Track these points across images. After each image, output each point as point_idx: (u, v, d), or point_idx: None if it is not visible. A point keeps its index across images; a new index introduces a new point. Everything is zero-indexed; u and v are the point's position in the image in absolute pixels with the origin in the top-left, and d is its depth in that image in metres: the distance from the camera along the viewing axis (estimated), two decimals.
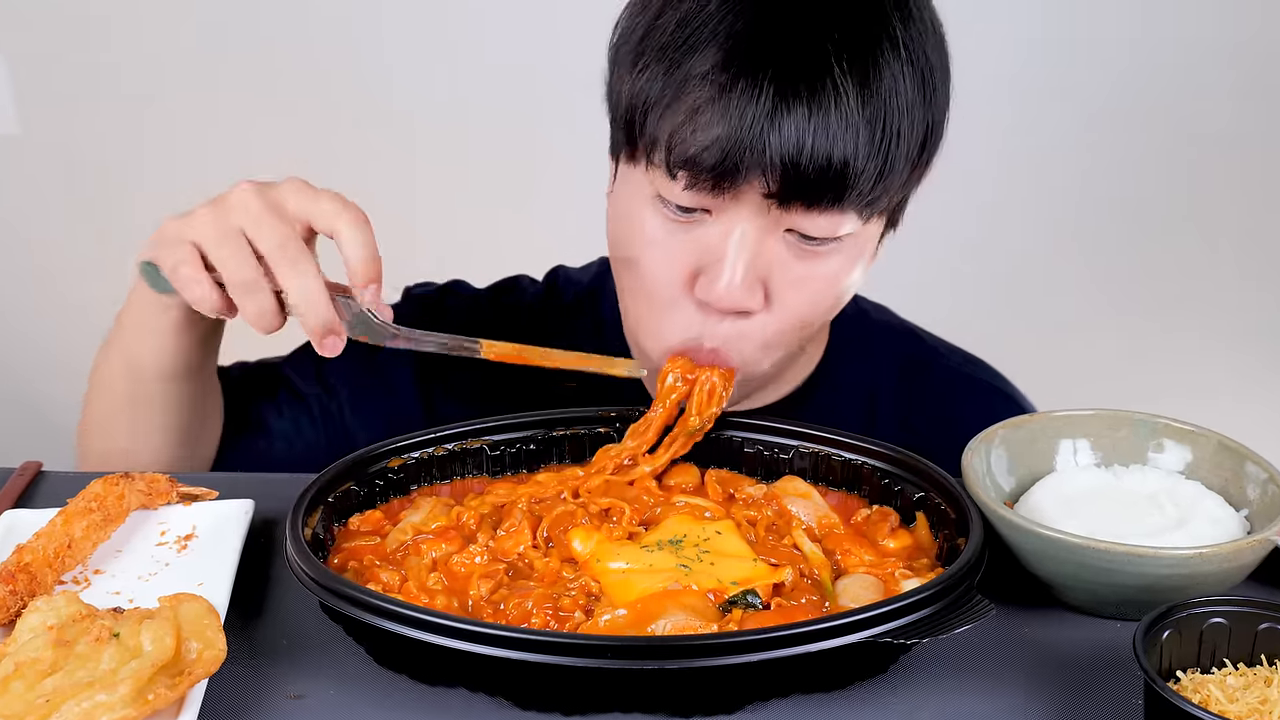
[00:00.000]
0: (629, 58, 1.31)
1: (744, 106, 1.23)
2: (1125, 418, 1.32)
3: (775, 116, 1.22)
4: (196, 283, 1.24)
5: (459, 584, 1.16)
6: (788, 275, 1.32)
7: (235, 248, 1.22)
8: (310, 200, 1.24)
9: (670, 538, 1.20)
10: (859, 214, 1.30)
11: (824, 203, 1.27)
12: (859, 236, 1.33)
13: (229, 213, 1.24)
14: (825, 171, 1.24)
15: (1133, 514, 1.23)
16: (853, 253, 1.34)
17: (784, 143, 1.23)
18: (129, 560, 1.22)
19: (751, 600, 1.11)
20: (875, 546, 1.23)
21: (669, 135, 1.27)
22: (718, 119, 1.24)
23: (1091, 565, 1.12)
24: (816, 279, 1.33)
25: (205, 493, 1.31)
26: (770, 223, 1.29)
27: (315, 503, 1.21)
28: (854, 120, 1.24)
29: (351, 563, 1.20)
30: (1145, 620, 1.03)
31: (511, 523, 1.23)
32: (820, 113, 1.23)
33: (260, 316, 1.24)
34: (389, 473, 1.30)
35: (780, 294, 1.33)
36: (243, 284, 1.22)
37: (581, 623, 1.09)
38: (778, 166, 1.23)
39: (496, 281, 1.72)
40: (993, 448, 1.29)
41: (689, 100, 1.25)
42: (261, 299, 1.23)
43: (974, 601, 1.07)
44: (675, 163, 1.27)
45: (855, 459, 1.32)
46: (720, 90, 1.24)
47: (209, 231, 1.23)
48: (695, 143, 1.25)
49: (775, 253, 1.31)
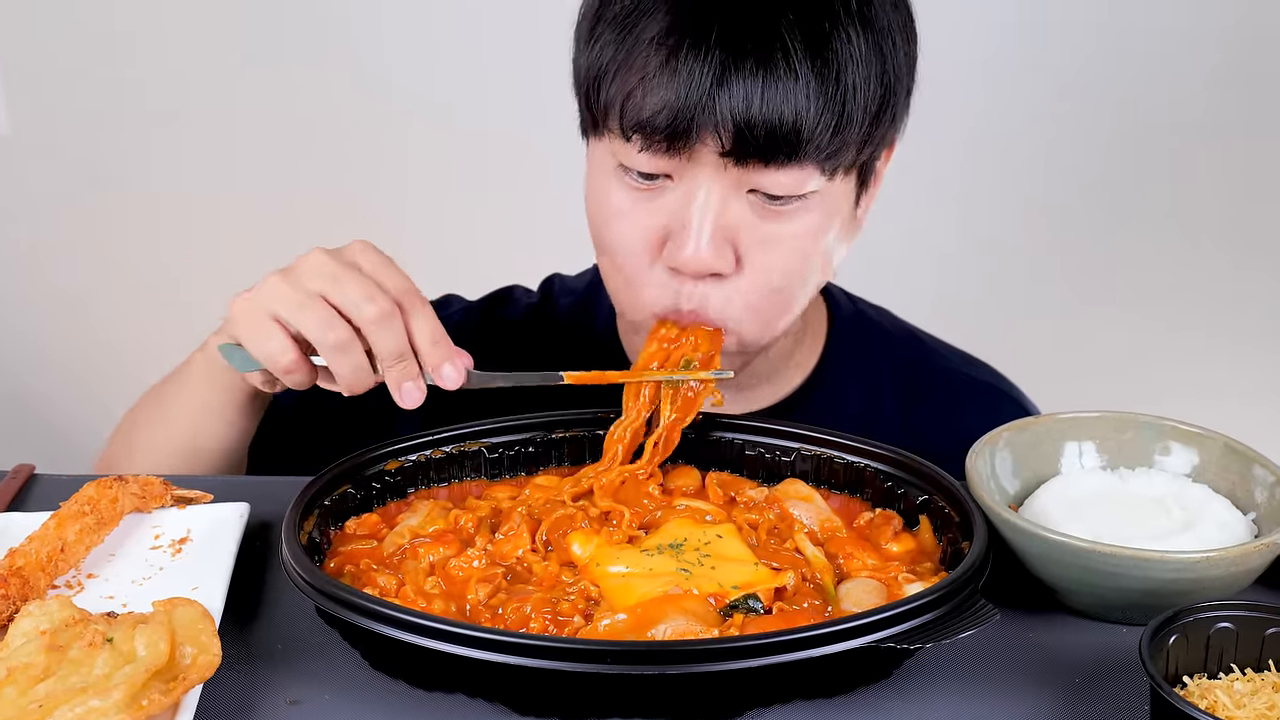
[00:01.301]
0: (586, 31, 1.35)
1: (693, 68, 1.26)
2: (1131, 420, 1.31)
3: (724, 77, 1.26)
4: (284, 353, 1.23)
5: (457, 588, 1.16)
6: (755, 235, 1.34)
7: (319, 310, 1.21)
8: (383, 267, 1.24)
9: (670, 541, 1.20)
10: (819, 168, 1.32)
11: (780, 158, 1.29)
12: (827, 195, 1.35)
13: (304, 277, 1.22)
14: (777, 126, 1.27)
15: (1139, 517, 1.23)
16: (823, 212, 1.36)
17: (734, 101, 1.26)
18: (122, 564, 1.22)
19: (753, 605, 1.11)
20: (878, 550, 1.23)
21: (622, 101, 1.30)
22: (667, 81, 1.28)
23: (1097, 569, 1.12)
24: (785, 238, 1.35)
25: (200, 496, 1.31)
26: (732, 183, 1.32)
27: (311, 506, 1.21)
28: (804, 75, 1.27)
29: (348, 566, 1.20)
30: (1151, 625, 1.03)
31: (510, 526, 1.23)
32: (768, 70, 1.26)
33: (355, 374, 1.23)
34: (386, 475, 1.30)
35: (750, 254, 1.35)
36: (336, 345, 1.21)
37: (581, 627, 1.09)
38: (729, 124, 1.27)
39: (490, 293, 1.72)
40: (997, 450, 1.29)
41: (639, 65, 1.29)
42: (355, 358, 1.22)
43: (978, 606, 1.07)
44: (629, 126, 1.30)
45: (858, 462, 1.32)
46: (669, 53, 1.28)
47: (288, 300, 1.22)
48: (647, 106, 1.29)
49: (740, 213, 1.33)
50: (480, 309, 1.70)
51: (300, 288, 1.22)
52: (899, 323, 1.71)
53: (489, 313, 1.69)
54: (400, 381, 1.24)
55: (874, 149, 1.38)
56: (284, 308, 1.22)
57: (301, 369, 1.24)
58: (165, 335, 1.59)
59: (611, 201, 1.37)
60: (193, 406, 1.42)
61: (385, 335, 1.21)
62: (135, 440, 1.49)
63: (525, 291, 1.73)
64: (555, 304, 1.69)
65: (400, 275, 1.24)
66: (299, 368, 1.24)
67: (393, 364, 1.23)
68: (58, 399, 3.06)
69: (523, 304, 1.70)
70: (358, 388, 1.24)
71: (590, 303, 1.66)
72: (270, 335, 1.23)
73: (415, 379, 1.24)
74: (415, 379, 1.24)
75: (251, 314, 1.24)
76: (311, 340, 1.22)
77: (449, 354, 1.25)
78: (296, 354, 1.23)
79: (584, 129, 1.41)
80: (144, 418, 1.50)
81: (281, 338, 1.23)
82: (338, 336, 1.21)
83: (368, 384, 1.25)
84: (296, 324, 1.22)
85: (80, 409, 3.00)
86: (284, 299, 1.22)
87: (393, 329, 1.22)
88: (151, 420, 1.48)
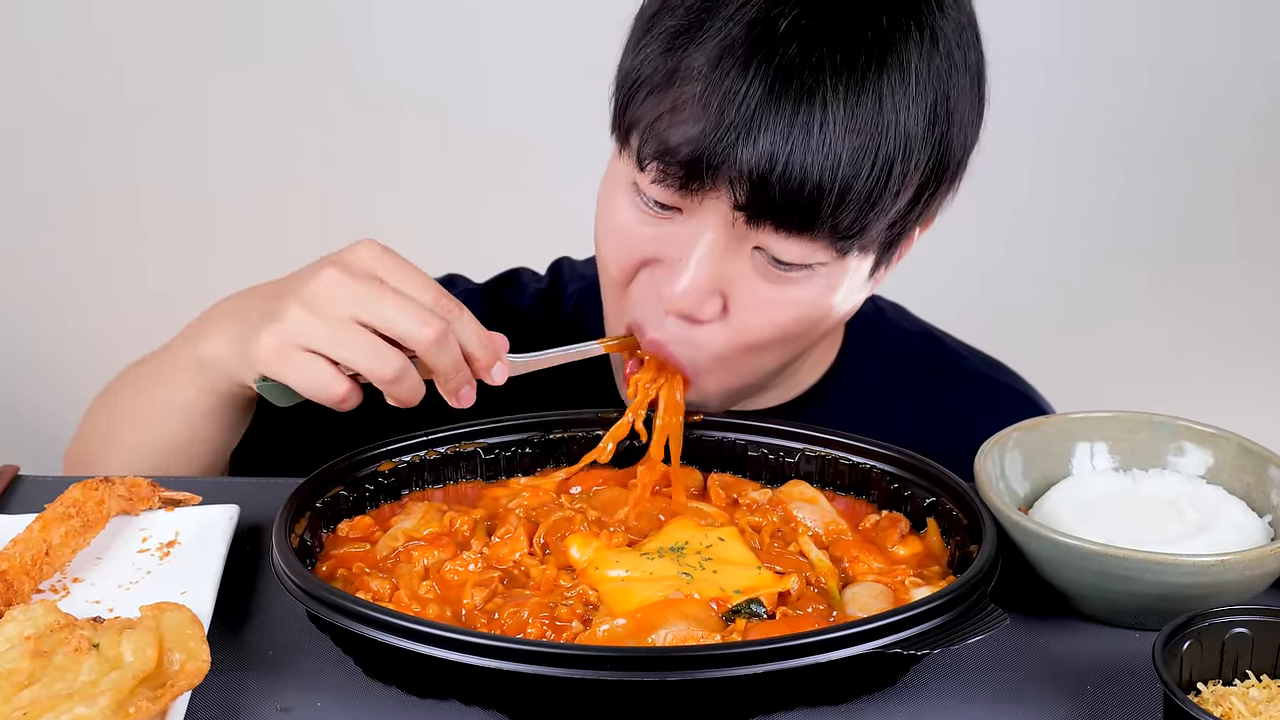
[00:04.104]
0: (638, 34, 1.31)
1: (724, 110, 1.22)
2: (1144, 420, 1.31)
3: (752, 126, 1.22)
4: (337, 384, 1.19)
5: (452, 592, 1.16)
6: (750, 294, 1.31)
7: (364, 342, 1.18)
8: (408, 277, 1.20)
9: (671, 544, 1.20)
10: (832, 246, 1.28)
11: (792, 227, 1.25)
12: (835, 269, 1.31)
13: (329, 303, 1.18)
14: (796, 194, 1.23)
15: (1152, 520, 1.23)
16: (826, 284, 1.32)
17: (757, 155, 1.22)
18: (109, 568, 1.22)
19: (756, 610, 1.11)
20: (884, 553, 1.23)
21: (648, 123, 1.27)
22: (697, 117, 1.24)
23: (1109, 573, 1.12)
24: (781, 304, 1.32)
25: (188, 498, 1.31)
26: (738, 237, 1.28)
27: (303, 508, 1.21)
28: (837, 144, 1.22)
29: (340, 570, 1.20)
30: (1165, 630, 1.03)
31: (506, 529, 1.23)
32: (801, 129, 1.21)
33: (413, 394, 1.21)
34: (379, 477, 1.30)
35: (739, 310, 1.32)
36: (395, 376, 1.18)
37: (579, 633, 1.09)
38: (746, 179, 1.23)
39: (496, 276, 1.71)
40: (1007, 451, 1.28)
41: (675, 92, 1.26)
42: (413, 381, 1.20)
43: (987, 611, 1.07)
44: (647, 153, 1.27)
45: (864, 463, 1.32)
46: (706, 86, 1.23)
47: (321, 333, 1.18)
48: (671, 136, 1.25)
49: (739, 269, 1.30)
50: (485, 293, 1.67)
51: (330, 316, 1.18)
52: (916, 321, 1.70)
53: (495, 297, 1.67)
54: (458, 389, 1.22)
55: (904, 229, 1.34)
56: (321, 342, 1.18)
57: (356, 395, 1.21)
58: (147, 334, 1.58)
59: (616, 216, 1.34)
60: (184, 412, 1.39)
61: (444, 355, 1.19)
62: (115, 438, 1.47)
63: (533, 275, 1.71)
64: (564, 290, 1.68)
65: (425, 280, 1.21)
66: (350, 395, 1.20)
67: (452, 376, 1.21)
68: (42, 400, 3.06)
69: (530, 289, 1.69)
70: (414, 404, 1.22)
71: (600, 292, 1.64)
72: (317, 371, 1.19)
73: (471, 382, 1.23)
74: (471, 382, 1.23)
75: (284, 351, 1.20)
76: (364, 373, 1.18)
77: (496, 352, 1.23)
78: (349, 385, 1.20)
79: (613, 128, 1.38)
80: (126, 415, 1.48)
81: (329, 371, 1.19)
82: (394, 367, 1.18)
83: (420, 397, 1.22)
84: (340, 357, 1.18)
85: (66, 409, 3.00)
86: (318, 332, 1.18)
87: (450, 348, 1.19)
88: (137, 422, 1.46)
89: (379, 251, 1.21)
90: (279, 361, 1.20)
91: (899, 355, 1.63)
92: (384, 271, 1.20)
